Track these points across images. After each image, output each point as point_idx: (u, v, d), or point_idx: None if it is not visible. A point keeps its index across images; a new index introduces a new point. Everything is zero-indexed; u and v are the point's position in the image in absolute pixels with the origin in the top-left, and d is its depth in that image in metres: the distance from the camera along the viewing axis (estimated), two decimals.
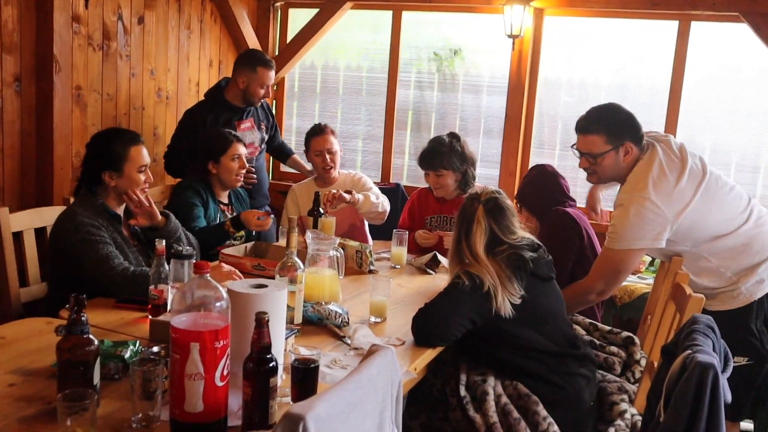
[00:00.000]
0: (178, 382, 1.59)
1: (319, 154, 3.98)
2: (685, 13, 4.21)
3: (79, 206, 2.79)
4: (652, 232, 2.86)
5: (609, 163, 2.96)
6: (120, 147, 2.82)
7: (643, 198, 2.85)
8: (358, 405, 1.51)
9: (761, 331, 2.86)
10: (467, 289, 2.41)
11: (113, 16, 4.03)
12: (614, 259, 2.95)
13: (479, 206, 2.54)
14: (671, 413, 1.75)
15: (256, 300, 1.86)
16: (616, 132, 2.94)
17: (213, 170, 3.52)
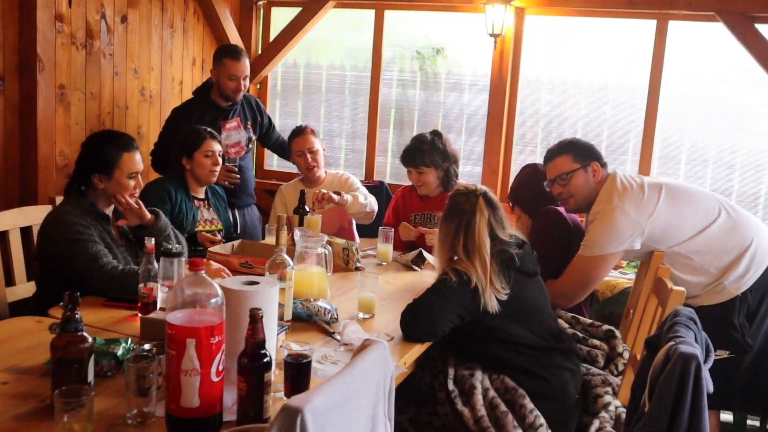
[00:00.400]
0: (174, 377, 1.61)
1: (300, 154, 3.99)
2: (662, 12, 4.27)
3: (68, 205, 2.79)
4: (623, 237, 2.99)
5: (580, 182, 3.13)
6: (113, 152, 2.82)
7: (613, 208, 3.01)
8: (353, 398, 1.54)
9: (743, 325, 2.93)
10: (455, 285, 2.44)
11: (96, 14, 4.01)
12: (585, 265, 3.06)
13: (479, 199, 2.57)
14: (656, 403, 1.80)
15: (249, 297, 1.87)
16: (581, 153, 3.16)
17: (187, 166, 3.52)
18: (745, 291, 2.94)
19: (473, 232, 2.50)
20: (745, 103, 4.31)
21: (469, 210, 2.54)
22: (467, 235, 2.51)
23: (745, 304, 2.94)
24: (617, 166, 4.58)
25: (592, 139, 4.60)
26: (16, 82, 3.62)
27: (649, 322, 2.71)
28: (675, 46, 4.35)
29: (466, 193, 2.61)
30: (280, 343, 2.20)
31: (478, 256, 2.47)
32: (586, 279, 3.08)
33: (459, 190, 2.66)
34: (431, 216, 3.85)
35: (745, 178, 4.36)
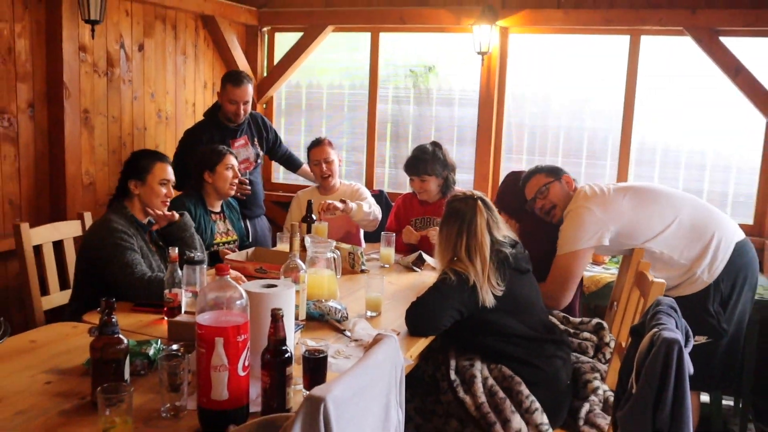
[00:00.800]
0: (205, 373, 1.64)
1: (317, 163, 4.09)
2: (635, 28, 4.31)
3: (113, 214, 2.90)
4: (591, 233, 3.10)
5: (558, 191, 3.29)
6: (146, 161, 2.99)
7: (581, 207, 3.15)
8: (368, 388, 1.57)
9: (718, 312, 3.00)
10: (454, 283, 2.48)
11: (116, 44, 4.05)
12: (561, 264, 3.14)
13: (477, 201, 2.61)
14: (642, 385, 1.83)
15: (269, 298, 1.91)
16: (551, 170, 3.36)
17: (209, 180, 3.58)
18: (718, 280, 3.01)
19: (475, 231, 2.54)
20: (712, 109, 4.35)
21: (470, 212, 2.58)
22: (470, 235, 2.54)
23: (719, 292, 3.01)
24: (597, 171, 4.67)
25: (573, 147, 4.70)
26: (45, 109, 3.66)
27: (632, 312, 2.75)
28: (647, 58, 4.40)
29: (464, 198, 2.64)
30: (297, 340, 2.24)
31: (479, 254, 2.51)
32: (566, 276, 3.14)
33: (456, 197, 2.70)
34: (431, 220, 3.90)
35: (714, 178, 4.41)
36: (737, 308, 3.05)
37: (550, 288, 3.13)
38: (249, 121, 4.27)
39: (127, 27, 4.13)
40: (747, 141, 4.27)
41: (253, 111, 4.35)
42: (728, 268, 3.04)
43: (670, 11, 4.14)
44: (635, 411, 1.84)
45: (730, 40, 4.08)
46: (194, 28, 4.69)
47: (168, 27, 4.45)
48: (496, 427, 2.36)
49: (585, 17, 4.34)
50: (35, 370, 2.03)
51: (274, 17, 5.10)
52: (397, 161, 5.23)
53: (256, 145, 4.30)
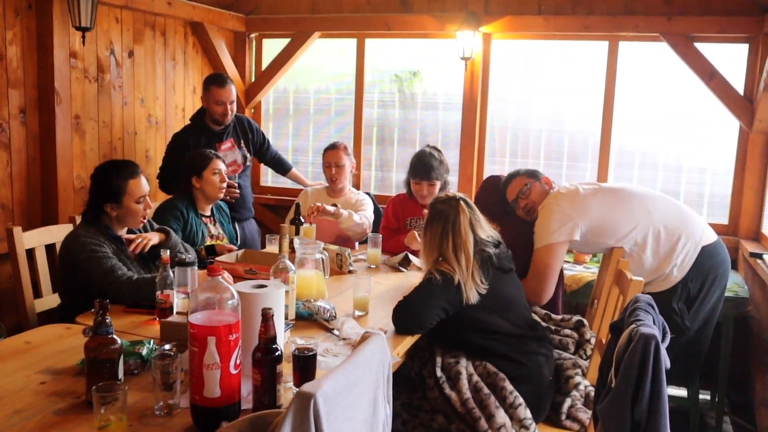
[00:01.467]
0: (197, 371, 1.66)
1: (328, 165, 4.15)
2: (613, 34, 4.37)
3: (82, 228, 2.82)
4: (562, 226, 3.17)
5: (538, 190, 3.38)
6: (119, 181, 2.84)
7: (551, 203, 3.26)
8: (356, 384, 1.60)
9: (682, 310, 3.10)
10: (440, 283, 2.51)
11: (106, 51, 4.05)
12: (537, 258, 3.20)
13: (459, 202, 2.64)
14: (621, 378, 1.87)
15: (260, 298, 1.93)
16: (530, 172, 3.47)
17: (197, 185, 3.57)
18: (686, 279, 3.09)
19: (458, 231, 2.57)
20: (687, 113, 4.41)
21: (453, 213, 2.61)
22: (454, 235, 2.57)
23: (686, 290, 3.09)
24: (578, 173, 4.72)
25: (554, 150, 4.74)
26: (36, 115, 3.65)
27: (612, 309, 2.79)
28: (625, 63, 4.45)
29: (446, 199, 2.67)
30: (287, 339, 2.26)
31: (464, 252, 2.54)
32: (543, 269, 3.18)
33: (438, 199, 2.72)
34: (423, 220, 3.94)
35: (690, 179, 4.47)
36: (704, 308, 3.12)
37: (530, 283, 3.18)
38: (235, 123, 4.28)
39: (117, 34, 4.13)
40: (721, 144, 4.34)
41: (239, 114, 4.36)
42: (698, 268, 3.11)
43: (647, 18, 4.19)
44: (614, 404, 1.88)
45: (704, 46, 4.14)
46: (183, 34, 4.69)
47: (157, 33, 4.45)
48: (481, 422, 2.40)
49: (565, 23, 4.39)
50: (30, 370, 2.03)
51: (262, 24, 5.11)
52: (383, 164, 5.26)
53: (243, 147, 4.30)
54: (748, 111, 4.04)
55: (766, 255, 3.50)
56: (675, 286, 3.12)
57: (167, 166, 4.16)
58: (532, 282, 3.19)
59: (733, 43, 4.16)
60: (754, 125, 4.01)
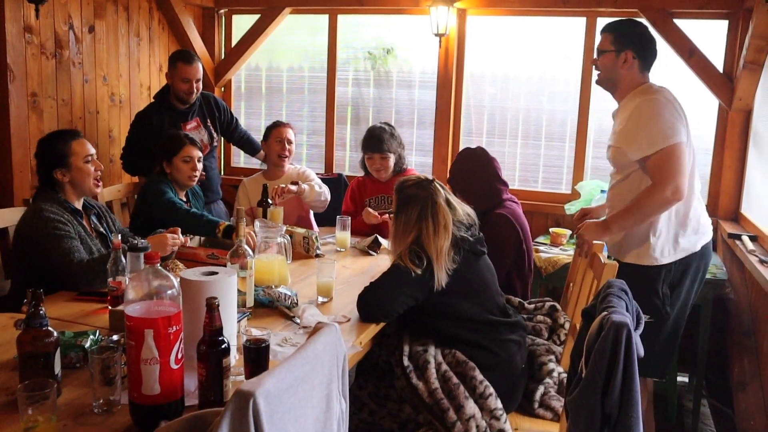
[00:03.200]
0: (135, 366, 1.53)
1: (279, 140, 3.97)
2: (591, 10, 4.24)
3: (44, 202, 2.70)
4: (681, 124, 2.76)
5: (607, 62, 2.94)
6: (62, 144, 2.77)
7: (658, 98, 2.80)
8: (305, 379, 1.48)
9: (665, 295, 2.85)
10: (408, 270, 2.39)
11: (64, 25, 3.86)
12: (670, 155, 2.69)
13: (432, 183, 2.54)
14: (592, 368, 1.77)
15: (207, 286, 1.80)
16: (622, 38, 2.91)
17: (167, 170, 3.42)
18: (671, 263, 2.84)
19: (437, 210, 2.46)
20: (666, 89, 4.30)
21: (429, 195, 2.49)
22: (434, 215, 2.45)
23: (669, 274, 2.85)
24: (555, 152, 4.61)
25: (532, 128, 4.63)
26: None
27: (586, 293, 2.69)
28: None
29: (418, 182, 2.55)
30: (242, 329, 2.13)
31: (444, 231, 2.44)
32: (677, 167, 2.68)
33: (407, 182, 2.58)
34: (385, 198, 3.89)
35: None
36: (682, 295, 2.89)
37: (667, 186, 2.67)
38: (201, 102, 4.12)
39: (76, 8, 3.93)
40: (701, 122, 4.23)
41: (205, 91, 4.19)
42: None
43: None
44: (584, 395, 1.78)
45: (683, 22, 4.02)
46: (148, 9, 4.50)
47: (120, 8, 4.26)
48: (449, 413, 2.29)
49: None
50: None
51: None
52: (358, 144, 5.11)
53: (209, 126, 4.15)
54: (728, 89, 3.94)
55: (744, 236, 3.42)
56: (659, 269, 2.83)
57: (130, 146, 4.01)
58: (669, 183, 2.67)
59: (713, 19, 4.05)
60: (733, 103, 3.92)
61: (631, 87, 2.92)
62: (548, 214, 4.46)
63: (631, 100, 2.87)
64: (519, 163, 4.70)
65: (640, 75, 2.93)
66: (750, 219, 3.73)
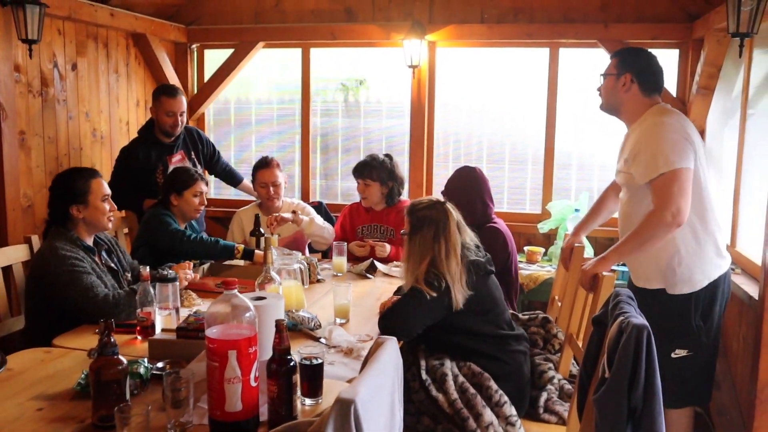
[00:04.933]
0: (218, 386, 1.64)
1: (264, 185, 3.89)
2: (553, 41, 4.54)
3: (58, 240, 2.73)
4: (689, 149, 2.68)
5: (608, 85, 2.94)
6: (82, 182, 2.83)
7: (667, 121, 2.75)
8: (381, 387, 1.62)
9: (699, 327, 2.76)
10: (429, 296, 2.53)
11: (49, 63, 3.91)
12: (672, 179, 2.63)
13: (445, 205, 2.66)
14: (617, 368, 1.95)
15: (266, 310, 1.92)
16: (624, 62, 2.90)
17: (175, 202, 3.50)
18: (699, 292, 2.75)
19: (449, 233, 2.59)
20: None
21: (442, 216, 2.62)
22: (446, 239, 2.58)
23: (700, 305, 2.76)
24: (519, 175, 4.86)
25: (497, 153, 4.87)
26: None
27: (581, 306, 2.87)
28: (566, 69, 4.63)
29: (430, 204, 2.68)
30: None
31: (454, 255, 2.57)
32: (680, 191, 2.61)
33: (419, 205, 2.70)
34: (377, 227, 3.96)
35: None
36: (714, 320, 2.80)
37: (669, 207, 2.60)
38: (185, 135, 4.21)
39: (60, 46, 3.99)
40: None
41: (188, 125, 4.29)
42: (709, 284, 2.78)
43: (585, 25, 4.39)
44: (611, 393, 1.96)
45: None
46: (125, 46, 4.58)
47: (100, 45, 4.33)
48: (469, 422, 2.44)
49: (507, 31, 4.53)
50: (21, 397, 1.96)
51: (203, 34, 5.04)
52: (328, 173, 5.28)
53: (193, 158, 4.23)
54: (682, 112, 4.25)
55: None
56: (688, 302, 2.75)
57: (116, 181, 4.04)
58: (671, 204, 2.60)
59: (665, 48, 4.40)
60: None
61: (638, 110, 2.88)
62: (520, 233, 4.70)
63: (640, 124, 2.86)
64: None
65: (643, 98, 2.88)
66: None
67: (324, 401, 1.91)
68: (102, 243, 2.97)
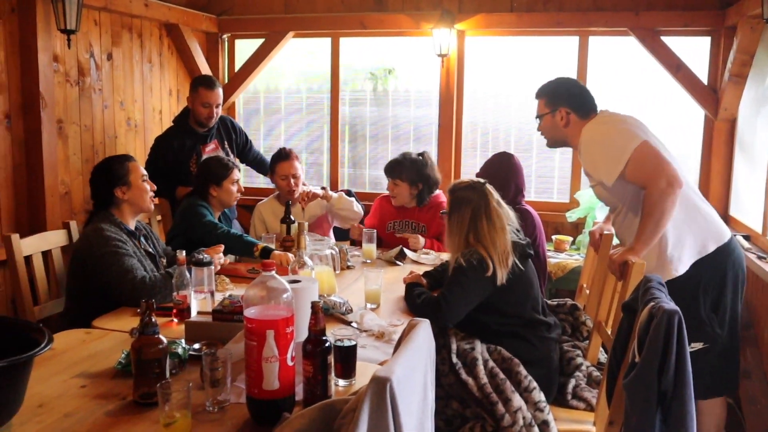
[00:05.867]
0: (256, 365, 1.68)
1: (284, 178, 3.89)
2: (583, 29, 4.52)
3: (103, 223, 2.82)
4: (631, 128, 2.77)
5: (546, 125, 3.00)
6: (119, 165, 2.92)
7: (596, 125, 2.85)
8: (415, 368, 1.65)
9: (711, 318, 2.76)
10: (473, 272, 2.57)
11: (86, 54, 3.98)
12: (640, 158, 2.66)
13: (485, 186, 2.70)
14: (647, 352, 1.96)
15: (302, 292, 1.96)
16: (552, 99, 2.98)
17: (214, 193, 3.54)
18: (704, 281, 2.76)
19: (490, 212, 2.64)
20: (655, 103, 4.58)
21: (481, 197, 2.67)
22: (487, 216, 2.62)
23: (708, 295, 2.76)
24: (546, 164, 4.85)
25: (525, 142, 4.86)
26: (21, 120, 3.57)
27: (609, 293, 2.88)
28: (596, 58, 4.60)
29: (470, 185, 2.72)
30: None
31: (497, 232, 2.61)
32: (656, 161, 2.64)
33: (460, 186, 2.75)
34: (409, 223, 3.97)
35: None
36: (728, 310, 2.77)
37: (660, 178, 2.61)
38: (218, 125, 4.26)
39: (96, 37, 4.07)
40: (688, 132, 4.53)
41: (222, 114, 4.34)
42: (715, 268, 2.77)
43: (615, 14, 4.35)
44: (641, 377, 1.97)
45: (670, 39, 4.32)
46: (159, 36, 4.65)
47: (134, 36, 4.40)
48: (498, 406, 2.46)
49: (536, 20, 4.51)
50: (65, 375, 2.02)
51: (234, 24, 5.09)
52: (356, 161, 5.31)
53: (226, 148, 4.29)
54: (713, 100, 4.24)
55: (738, 236, 3.69)
56: (695, 294, 2.74)
57: (150, 169, 4.09)
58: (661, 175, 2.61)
59: (697, 36, 4.36)
60: (719, 114, 4.21)
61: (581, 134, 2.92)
62: (548, 222, 4.69)
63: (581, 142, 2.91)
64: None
65: (583, 122, 2.91)
66: (740, 220, 4.02)
67: (357, 383, 1.95)
68: (141, 229, 3.04)
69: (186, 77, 4.91)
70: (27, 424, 1.70)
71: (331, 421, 1.58)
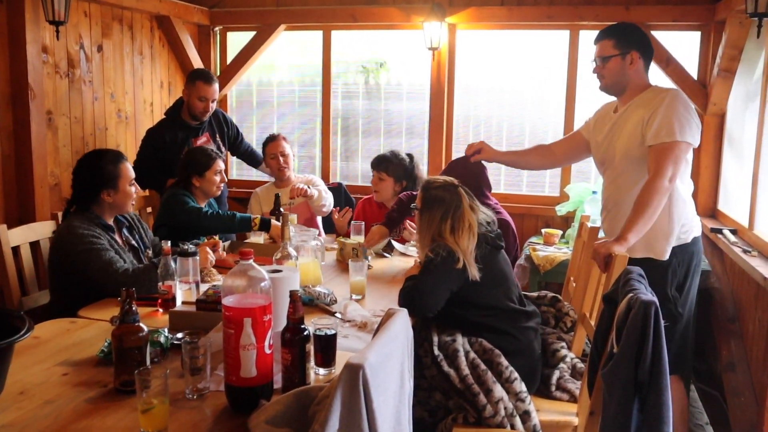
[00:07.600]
0: (234, 353, 1.70)
1: (273, 157, 4.15)
2: (574, 23, 4.53)
3: (75, 220, 2.80)
4: (697, 126, 2.83)
5: (614, 67, 2.96)
6: (112, 166, 2.87)
7: (679, 93, 2.87)
8: (390, 356, 1.67)
9: (675, 297, 2.92)
10: (445, 263, 2.58)
11: (76, 45, 3.99)
12: (675, 149, 2.76)
13: (458, 188, 2.72)
14: (624, 343, 1.99)
15: (281, 282, 1.98)
16: (624, 40, 2.94)
17: (197, 183, 3.58)
18: (674, 265, 2.91)
19: (462, 215, 2.65)
20: None
21: (455, 198, 2.68)
22: (455, 219, 2.64)
23: (675, 277, 2.93)
24: None
25: (516, 136, 4.88)
26: (9, 111, 3.57)
27: (594, 285, 2.90)
28: (586, 51, 4.61)
29: (444, 186, 2.74)
30: None
31: (466, 232, 2.63)
32: (676, 160, 2.76)
33: (433, 183, 2.77)
34: None
35: None
36: (690, 293, 2.99)
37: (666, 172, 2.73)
38: (210, 117, 4.27)
39: (86, 28, 4.07)
40: None
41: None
42: (684, 253, 2.94)
43: (606, 7, 4.37)
44: (619, 367, 2.00)
45: (660, 33, 4.34)
46: (150, 28, 4.65)
47: (125, 27, 4.40)
48: (479, 397, 2.48)
49: (527, 13, 4.52)
50: (48, 363, 2.04)
51: (226, 17, 5.10)
52: (348, 154, 5.33)
53: (218, 140, 4.31)
54: (702, 94, 4.26)
55: (725, 230, 3.72)
56: (665, 272, 2.90)
57: (141, 161, 4.13)
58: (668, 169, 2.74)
59: (687, 30, 4.38)
60: (708, 108, 4.23)
61: (639, 87, 2.96)
62: (538, 216, 4.73)
63: (648, 99, 2.90)
64: (504, 168, 4.92)
65: (645, 74, 2.98)
66: (728, 214, 4.04)
67: (337, 371, 1.97)
68: (123, 221, 3.04)
69: (177, 69, 4.92)
70: (7, 410, 1.72)
71: (306, 408, 1.60)
